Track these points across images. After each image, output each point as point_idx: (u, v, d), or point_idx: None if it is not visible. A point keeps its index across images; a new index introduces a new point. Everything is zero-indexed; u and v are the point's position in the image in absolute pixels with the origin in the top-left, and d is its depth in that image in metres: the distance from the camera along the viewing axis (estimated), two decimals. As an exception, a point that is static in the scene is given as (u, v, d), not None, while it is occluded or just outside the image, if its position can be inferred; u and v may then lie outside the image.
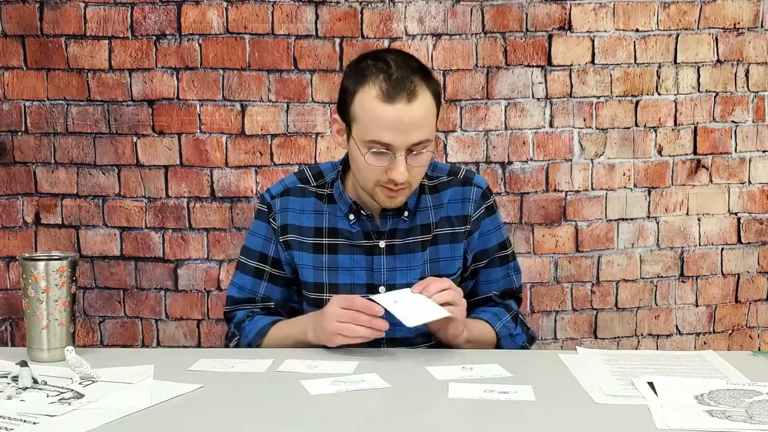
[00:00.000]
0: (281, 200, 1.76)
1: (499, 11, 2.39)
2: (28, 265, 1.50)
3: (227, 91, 2.39)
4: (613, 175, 2.46)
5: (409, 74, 1.55)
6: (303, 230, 1.73)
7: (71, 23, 2.34)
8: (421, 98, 1.55)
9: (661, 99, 2.45)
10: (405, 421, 1.22)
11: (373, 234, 1.71)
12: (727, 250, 2.51)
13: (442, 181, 1.77)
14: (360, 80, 1.57)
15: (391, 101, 1.53)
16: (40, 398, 1.28)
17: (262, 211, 1.78)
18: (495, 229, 1.81)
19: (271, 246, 1.75)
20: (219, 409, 1.25)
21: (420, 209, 1.74)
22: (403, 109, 1.53)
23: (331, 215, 1.73)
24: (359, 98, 1.57)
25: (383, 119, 1.54)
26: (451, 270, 1.75)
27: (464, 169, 1.81)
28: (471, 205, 1.76)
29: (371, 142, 1.56)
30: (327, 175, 1.77)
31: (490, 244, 1.80)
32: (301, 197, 1.75)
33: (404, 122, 1.53)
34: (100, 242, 2.43)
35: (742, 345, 2.53)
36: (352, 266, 1.71)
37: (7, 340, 2.45)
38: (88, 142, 2.40)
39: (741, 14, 2.43)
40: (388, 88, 1.53)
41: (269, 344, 1.67)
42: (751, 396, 1.27)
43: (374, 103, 1.54)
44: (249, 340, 1.68)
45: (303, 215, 1.74)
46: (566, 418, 1.22)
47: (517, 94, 2.42)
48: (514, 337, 1.77)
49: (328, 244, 1.72)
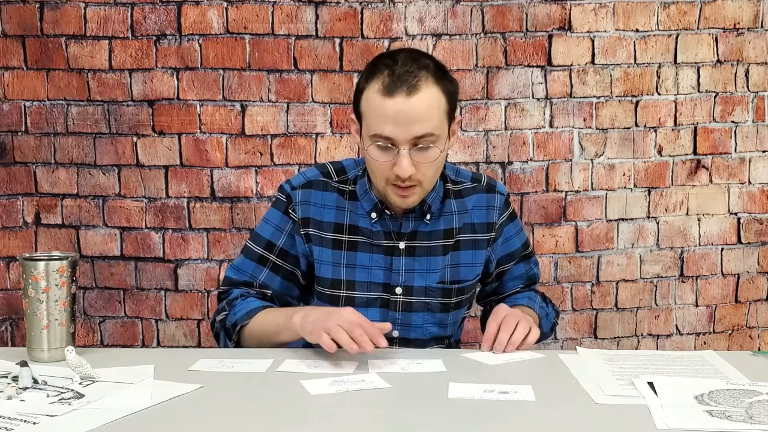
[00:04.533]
0: (302, 192, 1.73)
1: (499, 11, 2.39)
2: (28, 265, 1.50)
3: (227, 91, 2.39)
4: (613, 175, 2.46)
5: (415, 70, 1.55)
6: (323, 225, 1.71)
7: (71, 23, 2.35)
8: (424, 93, 1.54)
9: (661, 99, 2.45)
10: (405, 421, 1.21)
11: (393, 234, 1.71)
12: (727, 250, 2.51)
13: (466, 187, 1.77)
14: (368, 77, 1.58)
15: (391, 94, 1.53)
16: (40, 398, 1.28)
17: (279, 201, 1.74)
18: (517, 232, 1.83)
19: (281, 236, 1.73)
20: (219, 409, 1.25)
21: (444, 213, 1.73)
22: (402, 102, 1.53)
23: (353, 212, 1.72)
24: (366, 95, 1.58)
25: (383, 112, 1.54)
26: (470, 276, 1.76)
27: (486, 176, 1.82)
28: (495, 213, 1.77)
29: (374, 136, 1.56)
30: (349, 172, 1.75)
31: (515, 246, 1.83)
32: (323, 191, 1.73)
33: (404, 115, 1.53)
34: (101, 242, 2.43)
35: (742, 345, 2.53)
36: (370, 265, 1.70)
37: (7, 340, 2.45)
38: (88, 142, 2.40)
39: (741, 14, 2.43)
40: (389, 83, 1.54)
41: (252, 329, 1.63)
42: (751, 396, 1.27)
43: (376, 97, 1.55)
44: (237, 318, 1.65)
45: (324, 210, 1.72)
46: (566, 418, 1.22)
47: (517, 94, 2.42)
48: (548, 316, 1.84)
49: (347, 241, 1.71)
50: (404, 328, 1.70)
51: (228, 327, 1.67)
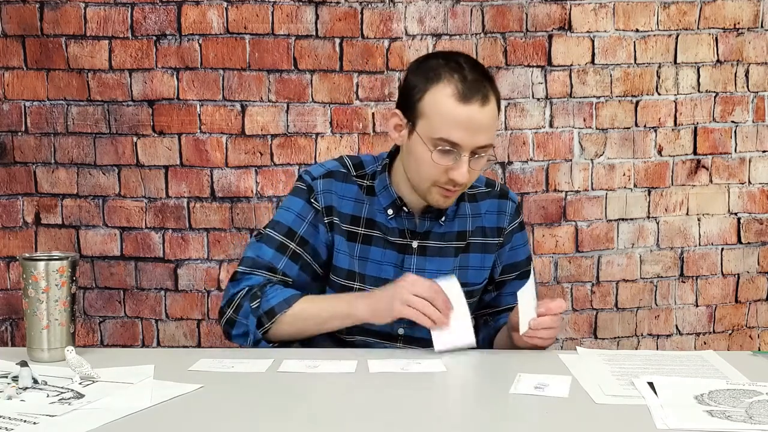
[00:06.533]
0: (324, 182, 1.72)
1: (499, 11, 2.39)
2: (28, 265, 1.50)
3: (227, 91, 2.39)
4: (613, 175, 2.46)
5: (482, 78, 1.59)
6: (342, 216, 1.71)
7: (71, 23, 2.35)
8: (492, 104, 1.58)
9: (661, 99, 2.45)
10: (405, 421, 1.22)
11: (407, 233, 1.72)
12: (727, 250, 2.51)
13: (480, 192, 1.79)
14: (432, 78, 1.58)
15: (467, 101, 1.55)
16: (40, 398, 1.28)
17: (300, 189, 1.73)
18: (524, 243, 1.84)
19: (303, 224, 1.70)
20: (219, 409, 1.25)
21: (458, 216, 1.75)
22: (476, 111, 1.55)
23: (370, 207, 1.72)
24: (431, 95, 1.58)
25: (456, 118, 1.55)
26: (479, 279, 1.77)
27: (499, 183, 1.84)
28: (506, 219, 1.79)
29: (439, 139, 1.57)
30: (367, 167, 1.75)
31: (521, 257, 1.82)
32: (344, 182, 1.73)
33: (475, 123, 1.56)
34: (101, 242, 2.43)
35: (742, 345, 2.53)
36: (382, 260, 1.71)
37: (7, 340, 2.45)
38: (88, 142, 2.40)
39: (741, 14, 2.43)
40: (464, 89, 1.55)
41: (294, 316, 1.60)
42: (751, 396, 1.27)
43: (449, 101, 1.56)
44: (272, 305, 1.61)
45: (343, 200, 1.72)
46: (566, 418, 1.22)
47: (517, 94, 2.42)
48: None
49: (363, 234, 1.71)
50: (410, 326, 1.70)
51: (261, 314, 1.62)
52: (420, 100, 1.59)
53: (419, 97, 1.59)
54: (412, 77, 1.63)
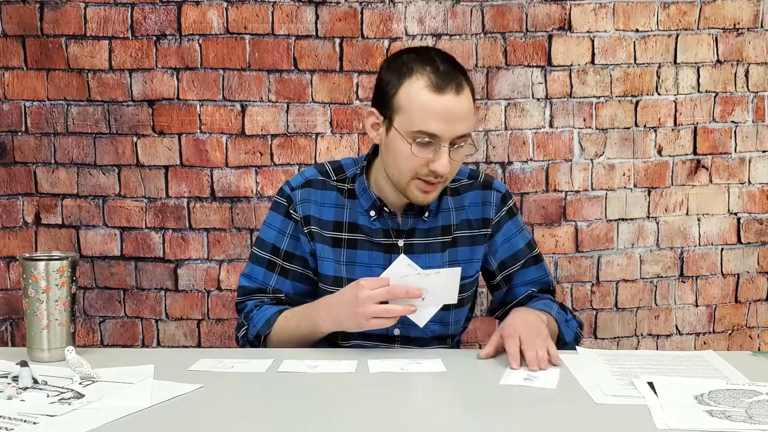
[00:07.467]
0: (302, 192, 1.73)
1: (499, 11, 2.39)
2: (28, 265, 1.50)
3: (227, 91, 2.39)
4: (613, 175, 2.46)
5: (454, 68, 1.59)
6: (323, 223, 1.72)
7: (71, 23, 2.35)
8: (466, 92, 1.58)
9: (661, 99, 2.45)
10: (405, 420, 1.22)
11: (392, 232, 1.71)
12: (727, 250, 2.51)
13: (463, 184, 1.77)
14: (405, 72, 1.58)
15: (441, 91, 1.54)
16: (40, 398, 1.28)
17: (280, 204, 1.75)
18: (518, 231, 1.81)
19: (284, 239, 1.73)
20: (219, 409, 1.25)
21: (441, 210, 1.74)
22: (452, 100, 1.54)
23: (352, 210, 1.72)
24: (406, 89, 1.57)
25: (432, 108, 1.54)
26: (470, 272, 1.76)
27: (483, 173, 1.82)
28: (492, 209, 1.77)
29: (418, 132, 1.56)
30: (348, 170, 1.76)
31: (518, 246, 1.80)
32: (323, 190, 1.74)
33: (452, 112, 1.55)
34: (101, 242, 2.43)
35: (742, 345, 2.53)
36: (370, 262, 1.71)
37: (7, 340, 2.45)
38: (88, 142, 2.40)
39: (741, 14, 2.43)
40: (437, 79, 1.55)
41: (278, 334, 1.65)
42: (750, 396, 1.27)
43: (423, 93, 1.55)
44: (258, 329, 1.66)
45: (323, 208, 1.73)
46: (566, 418, 1.22)
47: (517, 94, 2.42)
48: (569, 323, 1.75)
49: (347, 239, 1.71)
50: (405, 326, 1.70)
51: (252, 340, 1.68)
52: (395, 95, 1.59)
53: (394, 92, 1.59)
54: (385, 74, 1.63)
